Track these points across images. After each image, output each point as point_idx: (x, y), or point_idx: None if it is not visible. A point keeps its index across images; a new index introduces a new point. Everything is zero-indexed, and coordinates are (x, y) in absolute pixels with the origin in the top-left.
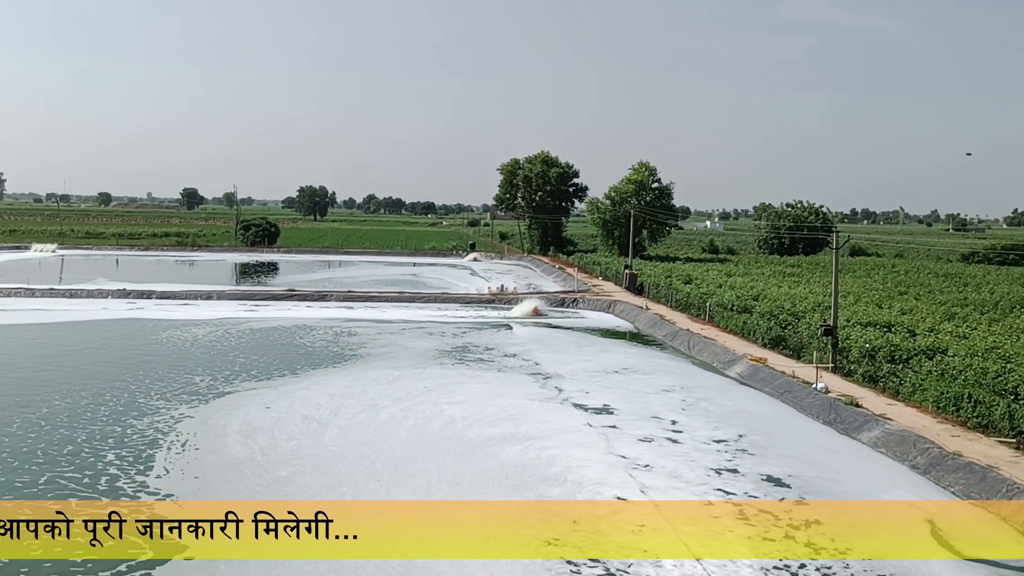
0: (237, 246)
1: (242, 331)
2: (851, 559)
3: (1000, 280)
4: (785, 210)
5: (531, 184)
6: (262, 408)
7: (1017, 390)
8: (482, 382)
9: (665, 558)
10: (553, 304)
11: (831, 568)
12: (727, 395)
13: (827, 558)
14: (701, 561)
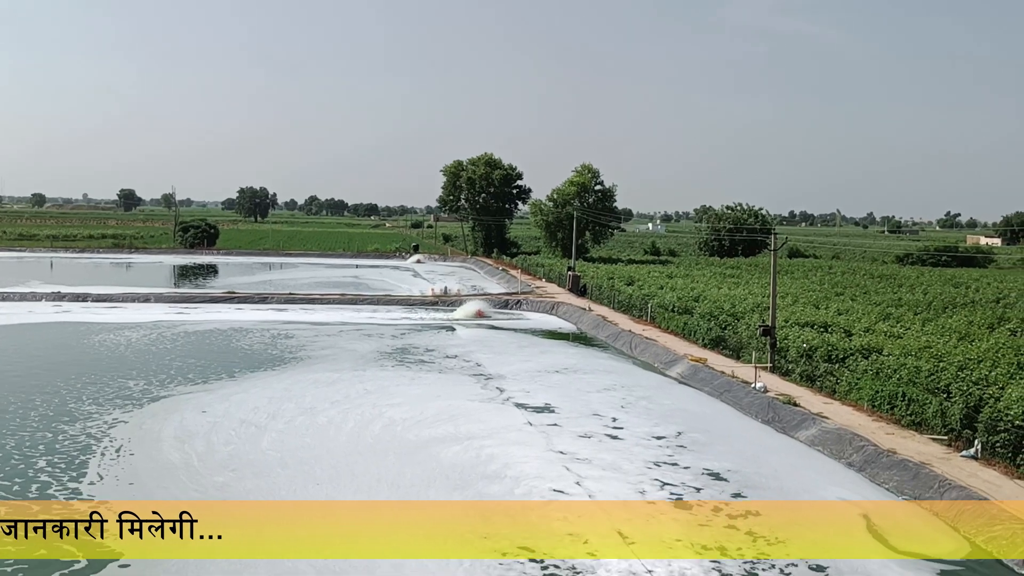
0: (176, 248)
1: (177, 334)
2: (792, 558)
3: (933, 281)
4: (725, 212)
5: (475, 186)
6: (198, 412)
7: (949, 388)
8: (423, 384)
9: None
10: (496, 306)
11: (772, 563)
12: (667, 394)
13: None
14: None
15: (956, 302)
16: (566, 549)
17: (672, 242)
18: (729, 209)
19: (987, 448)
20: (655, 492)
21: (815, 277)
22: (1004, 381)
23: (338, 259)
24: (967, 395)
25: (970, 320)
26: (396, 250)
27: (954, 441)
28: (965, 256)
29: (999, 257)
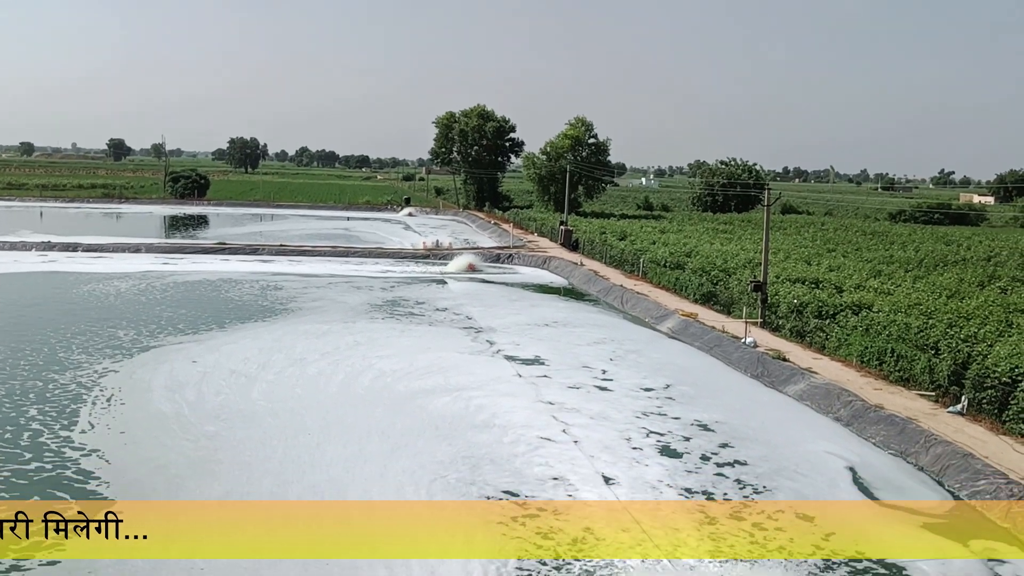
0: (166, 198)
1: (166, 284)
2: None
3: (925, 238)
4: (719, 167)
5: (467, 138)
6: (188, 362)
7: (938, 345)
8: (413, 336)
9: (584, 492)
10: (488, 260)
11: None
12: (657, 348)
13: (752, 499)
14: (615, 490)
15: (947, 260)
16: (549, 492)
17: (665, 197)
18: (723, 164)
19: (974, 404)
20: (641, 439)
21: (807, 233)
22: (992, 338)
23: (329, 211)
24: (955, 352)
25: (961, 278)
26: (387, 203)
27: (941, 397)
28: (958, 214)
29: (992, 215)
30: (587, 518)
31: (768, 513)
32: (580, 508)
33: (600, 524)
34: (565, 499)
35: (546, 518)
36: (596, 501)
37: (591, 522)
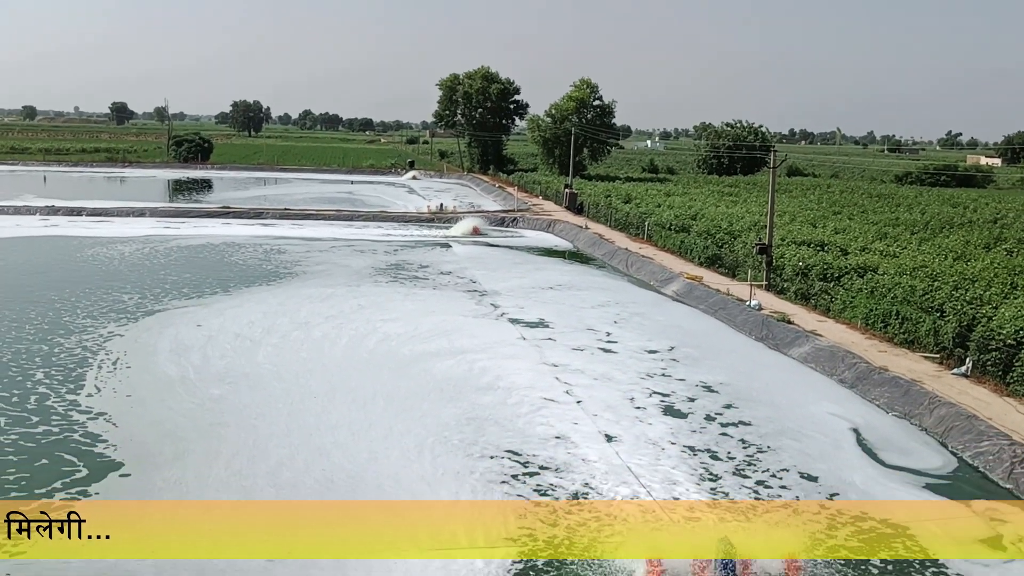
0: (169, 162)
1: (170, 248)
2: (783, 466)
3: (931, 201)
4: (725, 130)
5: (471, 101)
6: (193, 326)
7: (943, 307)
8: (417, 299)
9: (586, 450)
10: (493, 223)
11: (765, 468)
12: (662, 311)
13: (757, 458)
14: (617, 449)
15: (953, 222)
16: (551, 451)
17: (671, 160)
18: (729, 126)
19: (978, 366)
20: (644, 399)
21: (813, 196)
22: (998, 301)
23: (332, 175)
24: (960, 314)
25: (967, 240)
26: (391, 166)
27: (946, 359)
28: (964, 176)
29: (999, 177)
30: (587, 474)
31: (772, 471)
32: (581, 465)
33: (600, 480)
34: (566, 457)
35: (547, 476)
36: (597, 458)
37: (591, 478)
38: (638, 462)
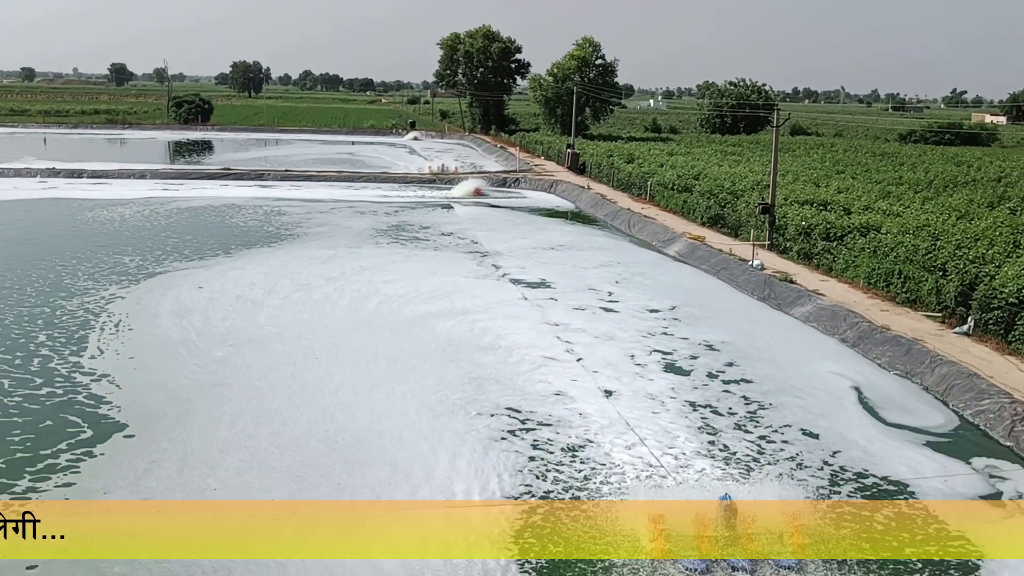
0: (170, 124)
1: (170, 211)
2: (786, 422)
3: (935, 160)
4: (728, 88)
5: (472, 60)
6: (195, 288)
7: (945, 266)
8: (418, 260)
9: (585, 406)
10: (495, 184)
11: (768, 424)
12: (664, 271)
13: (758, 415)
14: (616, 404)
15: (957, 181)
16: (549, 407)
17: (673, 119)
18: (732, 85)
19: (980, 325)
20: (645, 357)
21: (816, 155)
22: (1000, 259)
23: (333, 136)
24: (963, 273)
25: (970, 199)
26: (392, 127)
27: (948, 318)
28: (969, 134)
29: (1003, 135)
30: (585, 427)
31: (775, 427)
32: (579, 420)
33: (597, 433)
34: (565, 412)
35: (543, 431)
36: (597, 413)
37: (588, 431)
38: (637, 416)
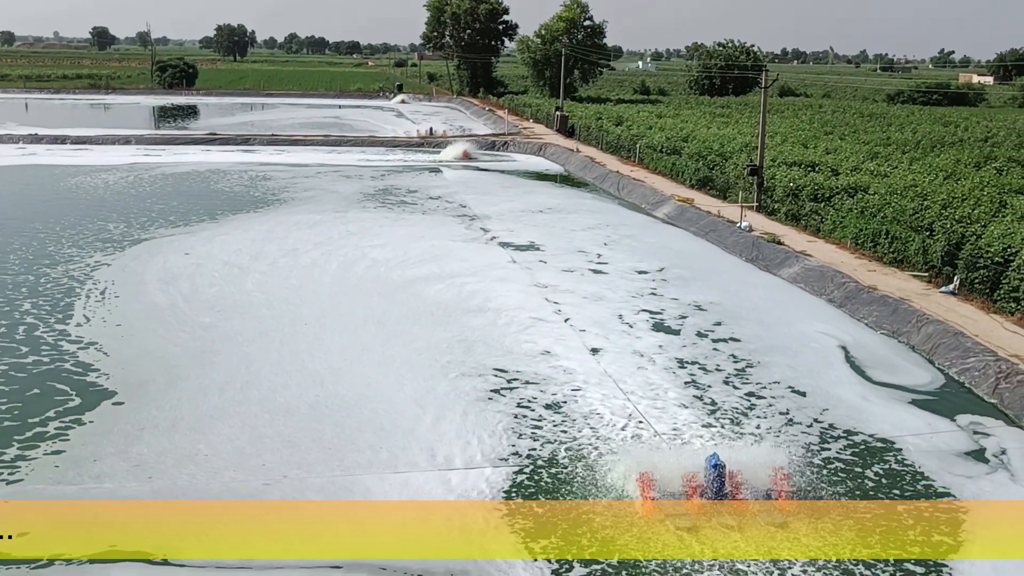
0: (154, 88)
1: (155, 176)
2: (774, 379)
3: (923, 120)
4: (717, 50)
5: (459, 22)
6: (181, 254)
7: (932, 226)
8: (406, 225)
9: (572, 364)
10: (483, 147)
11: (751, 376)
12: (652, 233)
13: (747, 372)
14: (602, 361)
15: (945, 141)
16: (535, 366)
17: (662, 81)
18: (721, 46)
19: (966, 284)
20: (633, 316)
21: (805, 116)
22: (986, 219)
23: (320, 99)
24: (949, 233)
25: (957, 159)
26: (379, 90)
27: (934, 278)
28: (956, 94)
29: (991, 95)
30: (570, 383)
31: (764, 384)
32: (564, 376)
33: (584, 390)
34: (549, 370)
35: (530, 390)
36: (581, 368)
37: (576, 388)
38: (624, 373)
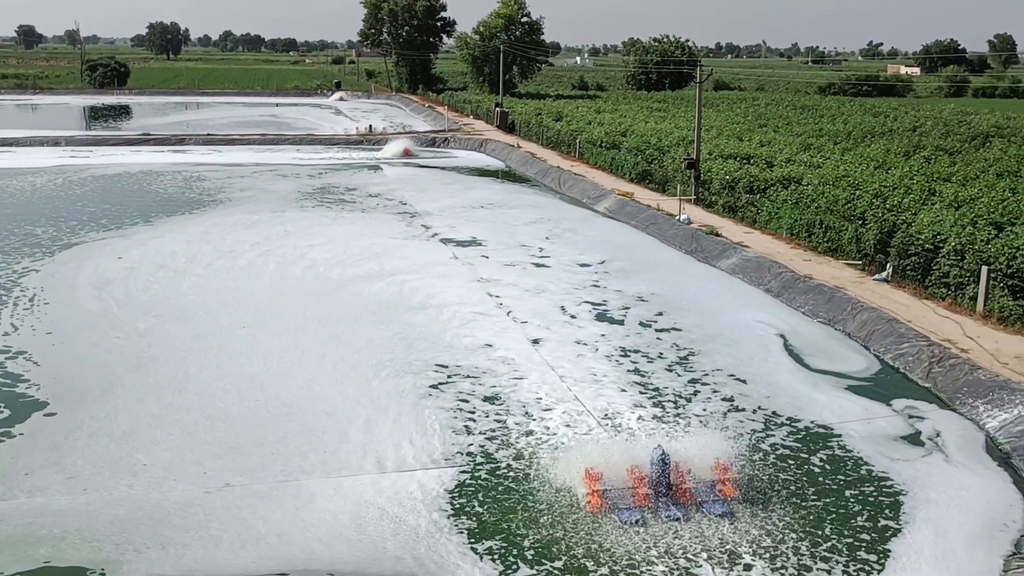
0: (83, 88)
1: (85, 178)
2: (716, 366)
3: (853, 111)
4: (652, 45)
5: (397, 19)
6: (114, 258)
7: (864, 215)
8: (345, 223)
9: (512, 355)
10: (424, 144)
11: (702, 370)
12: (593, 226)
13: (688, 360)
14: (542, 351)
15: (875, 131)
16: (475, 359)
17: (600, 76)
18: (656, 42)
19: (898, 271)
20: (575, 307)
21: (739, 109)
22: (916, 207)
23: (256, 97)
24: (881, 221)
25: (887, 149)
26: (317, 87)
27: (868, 266)
28: (885, 85)
29: (918, 86)
30: (511, 374)
31: (707, 371)
32: (504, 368)
33: (523, 378)
34: (489, 363)
35: (470, 384)
36: (523, 360)
37: (513, 377)
38: (565, 362)
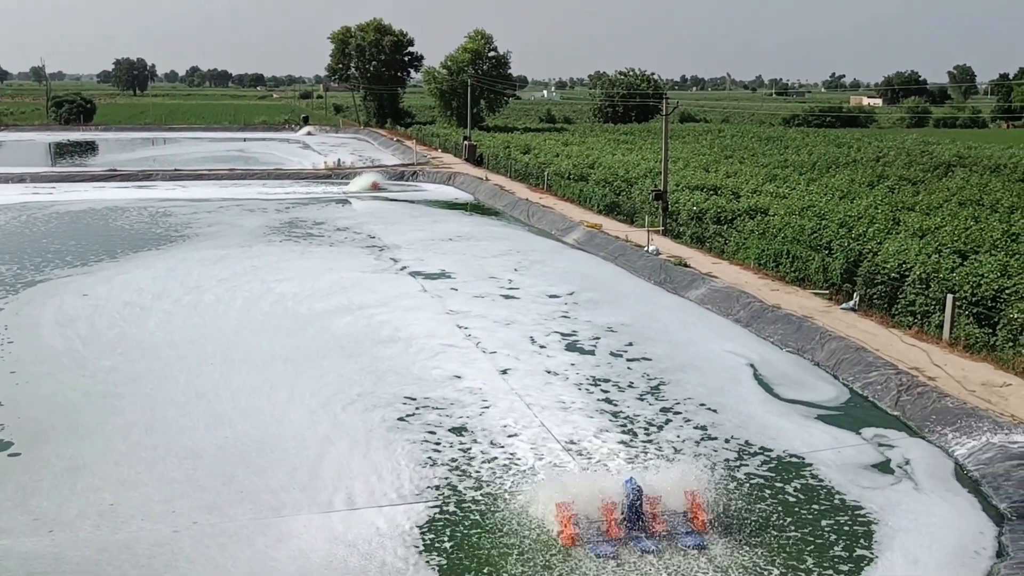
0: (49, 124)
1: (49, 215)
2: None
3: (817, 142)
4: (619, 78)
5: (364, 54)
6: (79, 296)
7: (831, 245)
8: (313, 257)
9: (481, 385)
10: (392, 178)
11: (671, 399)
12: (562, 258)
13: (658, 390)
14: (511, 381)
15: (839, 162)
16: (444, 391)
17: (567, 109)
18: (622, 75)
19: (865, 300)
20: (544, 338)
21: (705, 141)
22: (881, 236)
23: (223, 133)
24: (847, 251)
25: (852, 179)
26: (285, 122)
27: (835, 295)
28: (848, 116)
29: (880, 117)
30: (479, 404)
31: (679, 400)
32: (472, 399)
33: (490, 408)
34: (456, 393)
35: (438, 416)
36: (491, 390)
37: (481, 407)
38: (532, 391)
